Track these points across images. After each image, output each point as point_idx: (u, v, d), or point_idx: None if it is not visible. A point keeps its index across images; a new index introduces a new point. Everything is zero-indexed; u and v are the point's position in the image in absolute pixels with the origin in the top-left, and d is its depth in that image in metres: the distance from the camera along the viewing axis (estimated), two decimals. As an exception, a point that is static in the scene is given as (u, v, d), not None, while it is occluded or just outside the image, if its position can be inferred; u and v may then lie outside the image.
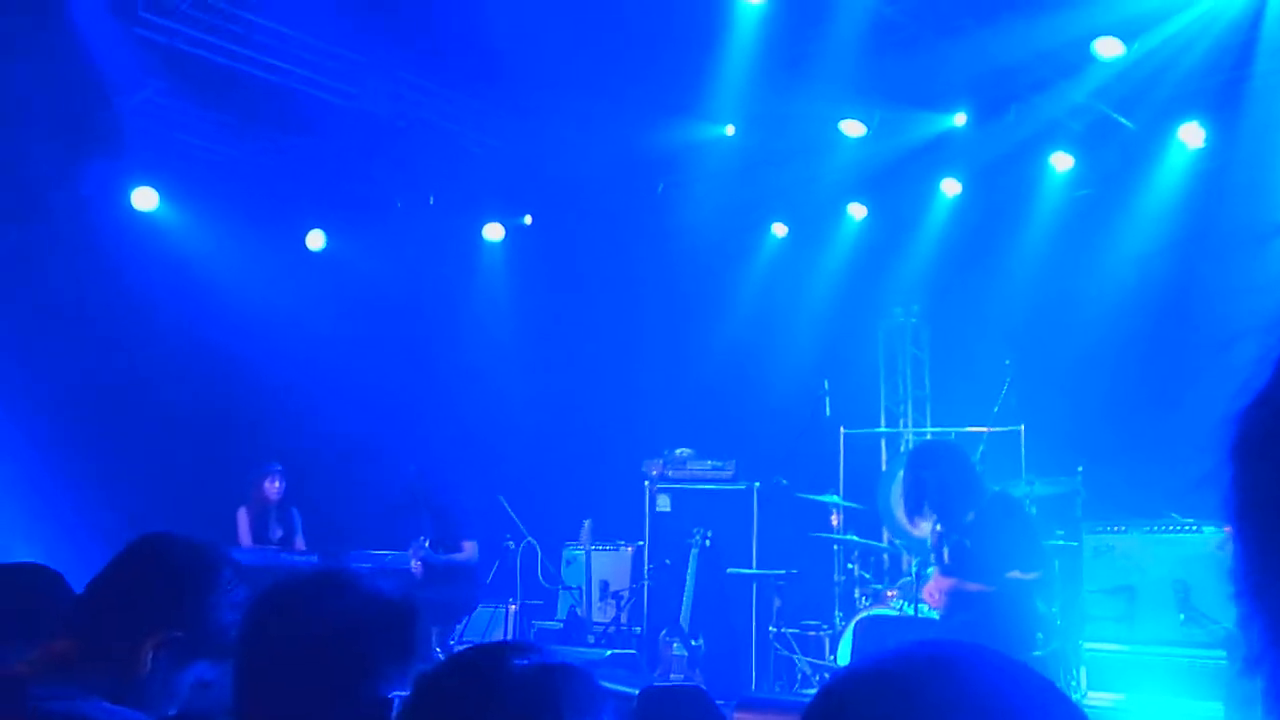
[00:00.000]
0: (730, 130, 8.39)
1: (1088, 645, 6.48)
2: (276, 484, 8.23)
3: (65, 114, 7.47)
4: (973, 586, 5.19)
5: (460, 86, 8.13)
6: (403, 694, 1.64)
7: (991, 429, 7.51)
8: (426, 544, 7.69)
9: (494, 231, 9.94)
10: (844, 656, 7.15)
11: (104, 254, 8.10)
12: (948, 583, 5.27)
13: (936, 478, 5.19)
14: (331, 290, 9.31)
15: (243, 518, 8.12)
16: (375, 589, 1.71)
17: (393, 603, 1.69)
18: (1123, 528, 6.63)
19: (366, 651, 1.62)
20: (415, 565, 7.58)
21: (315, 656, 1.60)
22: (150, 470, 7.68)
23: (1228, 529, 0.80)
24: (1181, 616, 6.17)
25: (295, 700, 1.59)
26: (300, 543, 8.28)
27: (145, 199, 8.56)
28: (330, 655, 1.60)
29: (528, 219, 9.93)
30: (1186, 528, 6.41)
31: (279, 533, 8.23)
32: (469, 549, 7.87)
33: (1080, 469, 7.14)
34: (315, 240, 9.57)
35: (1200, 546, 6.29)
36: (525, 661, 1.32)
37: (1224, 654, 5.91)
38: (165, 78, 7.56)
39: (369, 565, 7.39)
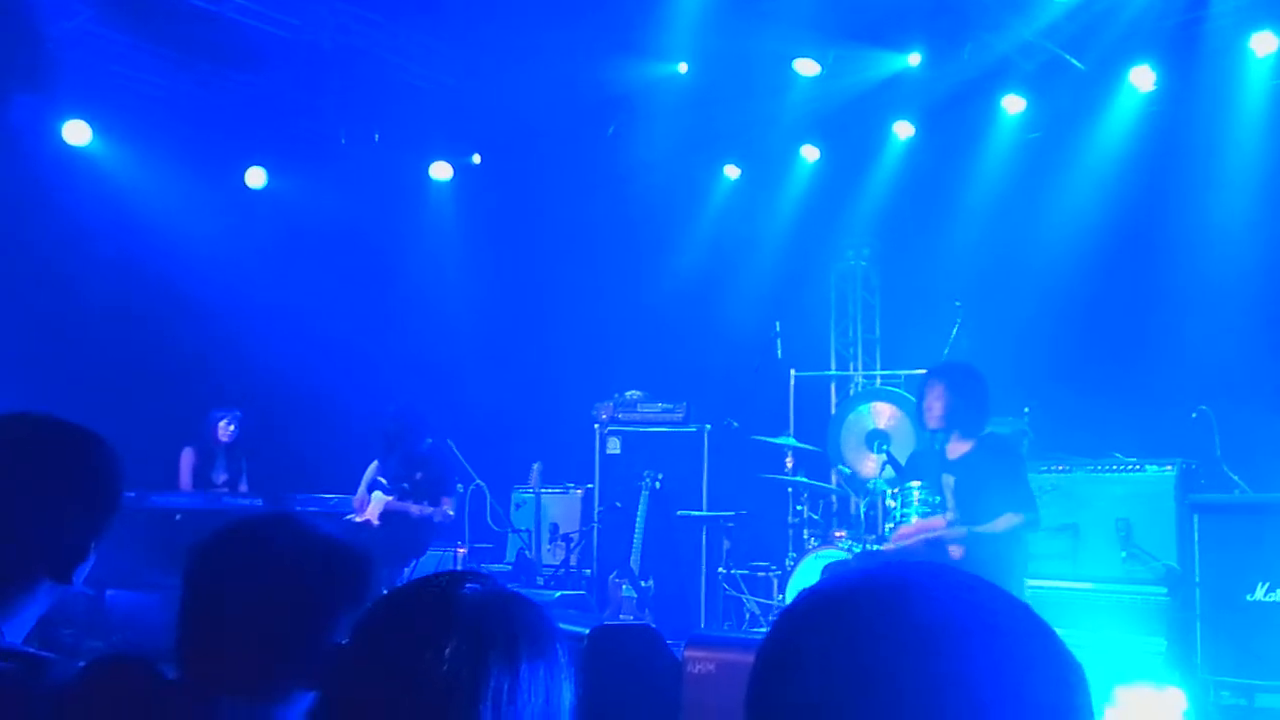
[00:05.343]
0: (683, 68, 8.25)
1: (1032, 583, 6.54)
2: (231, 428, 8.07)
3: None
4: (952, 540, 5.21)
5: (407, 19, 7.91)
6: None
7: (941, 371, 7.55)
8: (385, 484, 7.15)
9: (441, 170, 9.74)
10: (792, 596, 7.20)
11: (36, 190, 7.82)
12: (939, 531, 5.27)
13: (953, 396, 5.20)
14: (275, 228, 9.09)
15: (186, 459, 7.96)
16: (328, 534, 1.65)
17: (346, 549, 1.63)
18: (1067, 467, 6.72)
19: (319, 599, 1.56)
20: (371, 512, 7.17)
21: (266, 604, 1.54)
22: (86, 411, 7.46)
23: None
24: (1123, 554, 6.28)
25: (245, 649, 1.53)
26: (244, 486, 8.16)
27: (78, 133, 8.25)
28: (281, 603, 1.54)
29: (476, 158, 9.74)
30: (1129, 467, 6.52)
31: (224, 476, 8.10)
32: (447, 505, 7.31)
33: (1027, 410, 7.21)
34: (255, 178, 9.30)
35: (1142, 485, 6.40)
36: (480, 587, 1.29)
37: (1164, 590, 6.03)
38: (97, 6, 7.26)
39: (314, 509, 7.27)
